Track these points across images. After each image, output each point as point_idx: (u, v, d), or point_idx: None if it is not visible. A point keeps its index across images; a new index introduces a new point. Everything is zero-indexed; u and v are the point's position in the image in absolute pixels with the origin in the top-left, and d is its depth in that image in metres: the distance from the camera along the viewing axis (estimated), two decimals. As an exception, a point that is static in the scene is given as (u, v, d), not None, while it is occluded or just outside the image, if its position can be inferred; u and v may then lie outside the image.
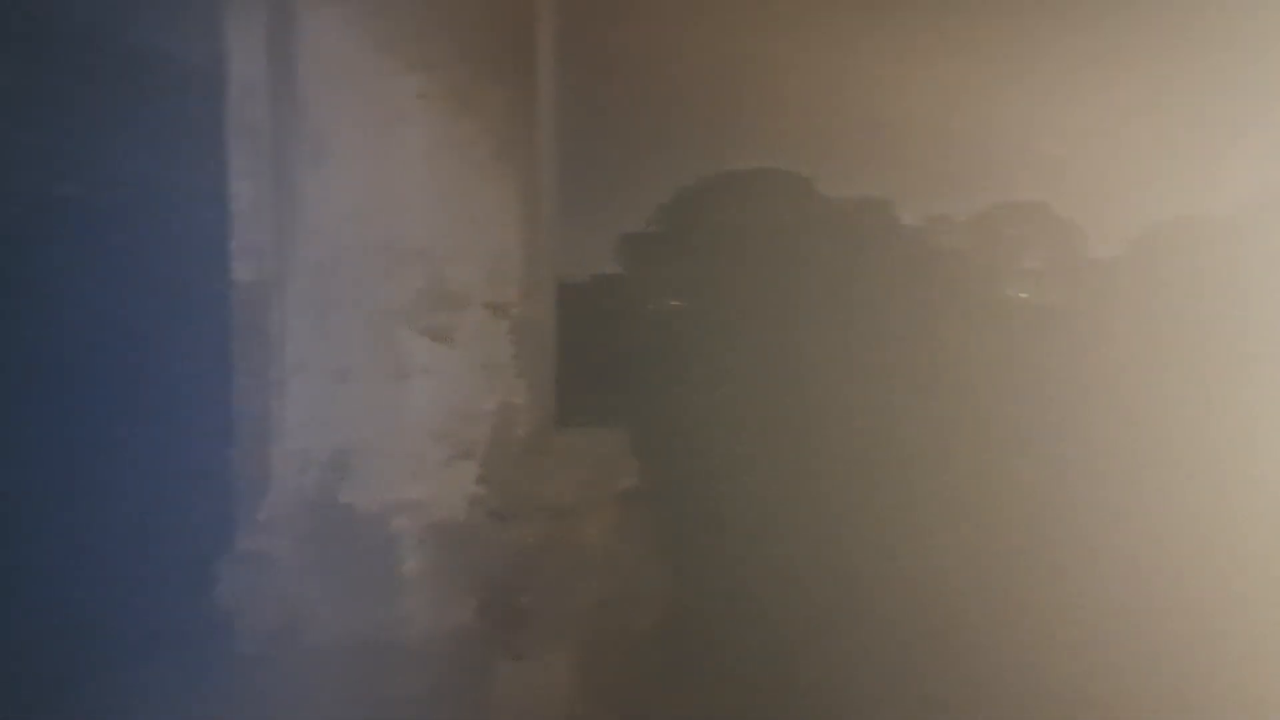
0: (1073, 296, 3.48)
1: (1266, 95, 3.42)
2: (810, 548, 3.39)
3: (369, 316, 3.14)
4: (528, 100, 3.16)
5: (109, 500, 3.19)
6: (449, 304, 3.15)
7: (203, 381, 3.19)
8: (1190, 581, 3.30)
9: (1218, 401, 3.38)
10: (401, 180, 3.12)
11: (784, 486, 3.40)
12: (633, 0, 3.49)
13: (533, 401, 3.22)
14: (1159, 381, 3.42)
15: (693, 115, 3.43)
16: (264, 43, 3.13)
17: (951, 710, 3.25)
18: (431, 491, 3.15)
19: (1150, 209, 3.46)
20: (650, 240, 3.48)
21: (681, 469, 3.39)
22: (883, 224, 3.50)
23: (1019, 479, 3.40)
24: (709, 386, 3.43)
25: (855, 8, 3.45)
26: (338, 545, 3.16)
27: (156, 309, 3.18)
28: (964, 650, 3.31)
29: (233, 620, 3.16)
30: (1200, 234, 3.47)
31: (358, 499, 3.16)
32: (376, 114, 3.10)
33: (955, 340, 3.45)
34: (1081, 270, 3.49)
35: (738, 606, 3.35)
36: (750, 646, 3.33)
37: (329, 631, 3.13)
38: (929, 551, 3.36)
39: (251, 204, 3.17)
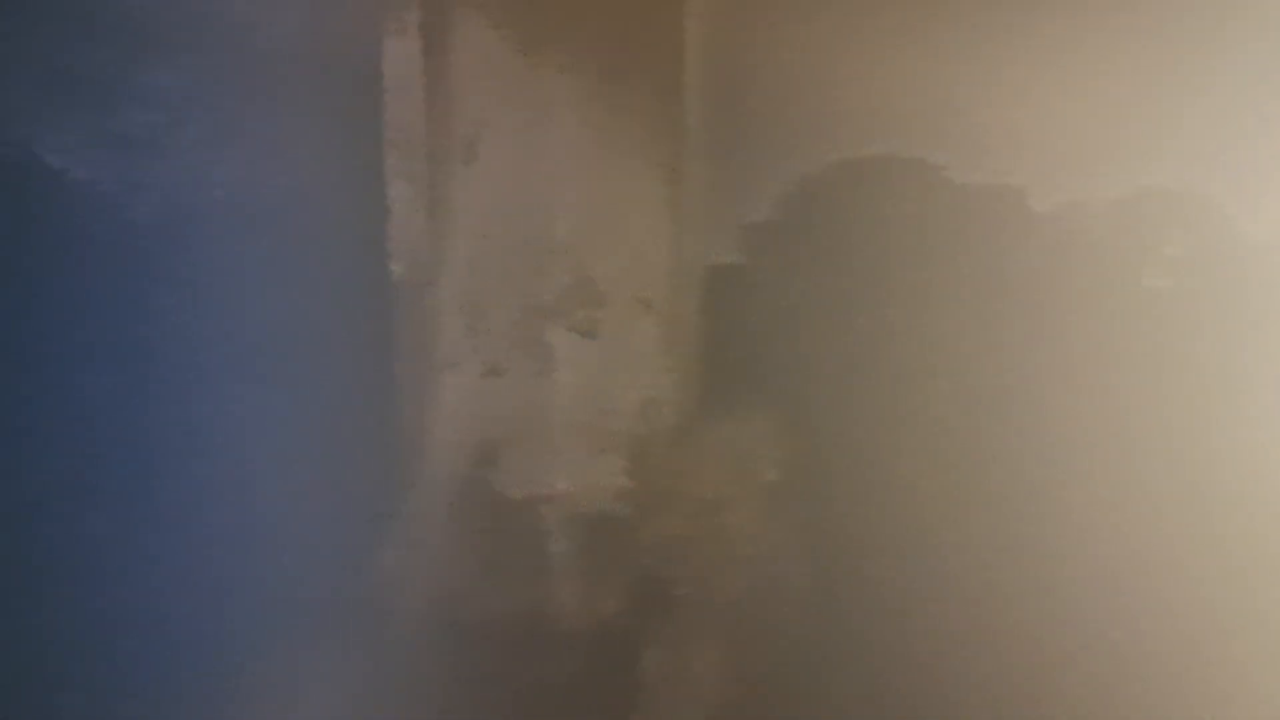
0: (1217, 284, 3.42)
1: None
2: (952, 540, 3.38)
3: (518, 312, 3.20)
4: (673, 97, 3.20)
5: (268, 491, 3.29)
6: (595, 299, 3.20)
7: (360, 376, 3.27)
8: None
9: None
10: (549, 178, 3.17)
11: (926, 480, 3.40)
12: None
13: (677, 394, 3.26)
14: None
15: (833, 106, 3.43)
16: (418, 45, 3.20)
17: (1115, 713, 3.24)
18: (578, 483, 3.21)
19: (1299, 193, 3.40)
20: (787, 230, 3.48)
21: (828, 461, 3.40)
22: (1015, 211, 3.47)
23: (1164, 473, 3.36)
24: (852, 378, 3.44)
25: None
26: (487, 535, 3.23)
27: (315, 307, 3.26)
28: (1137, 656, 3.29)
29: (387, 607, 3.25)
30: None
31: (507, 490, 3.22)
32: (526, 114, 3.15)
33: (1092, 330, 3.42)
34: (1226, 257, 3.43)
35: (884, 600, 3.36)
36: (898, 641, 3.34)
37: (479, 618, 3.20)
38: (1081, 551, 3.33)
39: (406, 204, 3.24)
